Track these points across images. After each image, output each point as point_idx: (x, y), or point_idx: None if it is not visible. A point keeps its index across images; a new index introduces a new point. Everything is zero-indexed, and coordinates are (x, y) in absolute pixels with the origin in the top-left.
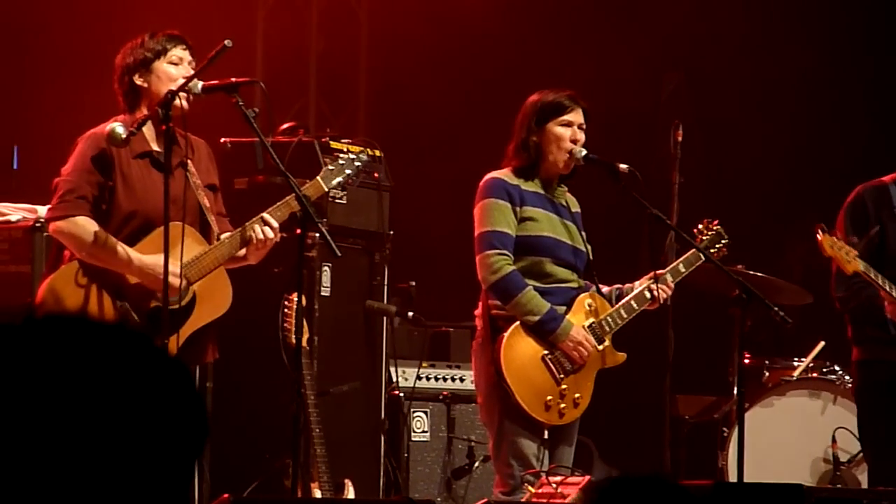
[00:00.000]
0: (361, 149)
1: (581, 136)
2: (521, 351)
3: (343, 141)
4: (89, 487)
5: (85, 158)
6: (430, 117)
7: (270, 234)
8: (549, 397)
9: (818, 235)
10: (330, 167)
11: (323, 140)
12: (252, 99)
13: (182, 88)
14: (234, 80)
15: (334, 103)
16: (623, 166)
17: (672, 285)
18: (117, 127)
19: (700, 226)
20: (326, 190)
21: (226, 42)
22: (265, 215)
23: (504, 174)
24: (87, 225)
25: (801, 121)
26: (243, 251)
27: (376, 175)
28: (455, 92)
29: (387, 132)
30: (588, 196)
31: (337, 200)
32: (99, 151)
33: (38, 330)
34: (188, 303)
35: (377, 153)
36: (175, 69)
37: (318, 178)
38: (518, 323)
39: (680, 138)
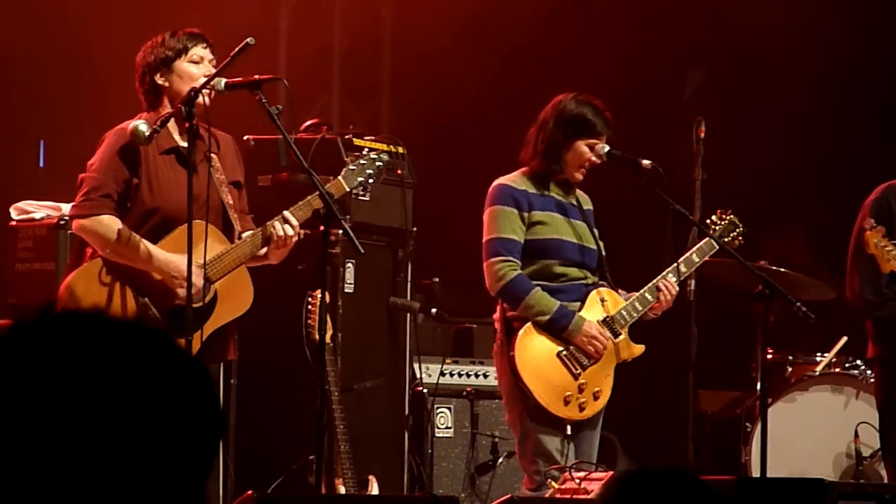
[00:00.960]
0: (384, 146)
1: (604, 148)
2: (535, 350)
3: (366, 138)
4: (104, 483)
5: (112, 154)
6: (453, 114)
7: (291, 232)
8: (568, 393)
9: (866, 230)
10: (351, 167)
11: (346, 137)
12: (275, 96)
13: (206, 86)
14: (257, 77)
15: (357, 100)
16: (646, 162)
17: (676, 284)
18: (140, 125)
19: (713, 216)
20: (348, 189)
21: (248, 40)
22: (286, 213)
23: (511, 180)
24: (111, 223)
25: (823, 119)
26: (264, 250)
27: (399, 172)
28: (478, 89)
29: (410, 129)
30: (612, 191)
31: (360, 197)
32: (126, 147)
33: (55, 326)
34: (209, 301)
35: (400, 150)
36: (196, 68)
37: (340, 177)
38: (530, 323)
39: (703, 135)
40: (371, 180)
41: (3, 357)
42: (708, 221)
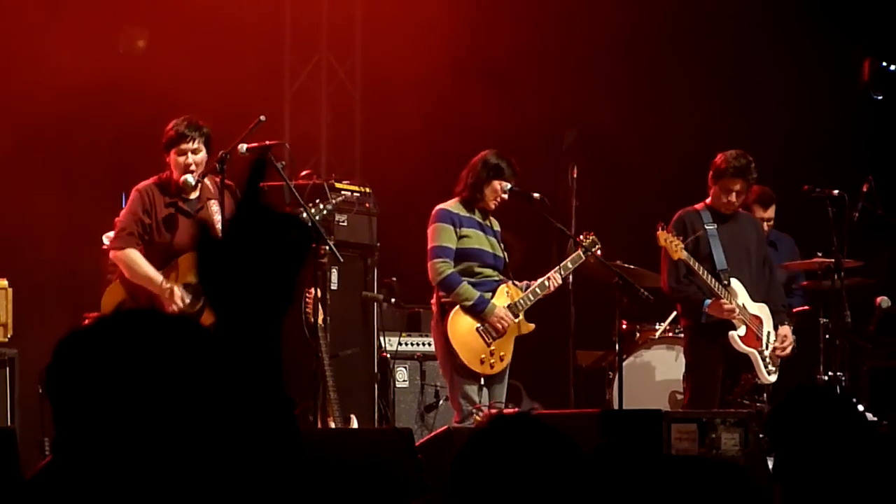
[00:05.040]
0: (357, 187)
1: (507, 186)
2: (461, 326)
3: (344, 182)
4: (179, 430)
5: (135, 204)
6: (404, 165)
7: None
8: (483, 356)
9: (657, 230)
10: (313, 211)
11: (329, 182)
12: (282, 154)
13: (231, 151)
14: (267, 142)
15: (338, 156)
16: (536, 195)
17: (559, 279)
18: (189, 178)
19: (581, 236)
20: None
21: (261, 118)
22: None
23: (450, 205)
24: (133, 255)
25: (669, 159)
26: None
27: (367, 205)
28: (423, 146)
29: (375, 176)
30: (515, 216)
31: (341, 223)
32: (144, 199)
33: (128, 318)
34: (200, 309)
35: (367, 190)
36: (182, 158)
37: None
38: (458, 307)
39: (575, 175)
40: (311, 223)
41: (95, 339)
42: (578, 239)
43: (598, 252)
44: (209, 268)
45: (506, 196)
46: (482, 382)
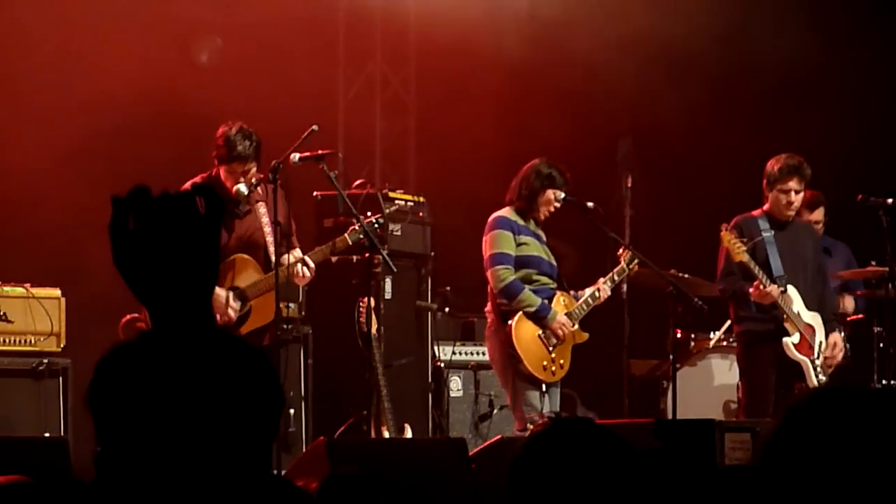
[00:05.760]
0: (410, 197)
1: (561, 195)
2: (524, 332)
3: (398, 191)
4: (207, 441)
5: None
6: (458, 174)
7: (307, 273)
8: (545, 362)
9: (721, 231)
10: (356, 227)
11: (383, 192)
12: (335, 164)
13: (282, 161)
14: (320, 151)
15: (392, 165)
16: (590, 204)
17: (609, 290)
18: (241, 187)
19: (619, 251)
20: (350, 243)
21: (313, 127)
22: (306, 258)
23: (507, 212)
24: None
25: (724, 168)
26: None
27: (421, 214)
28: (477, 155)
29: (429, 185)
30: (568, 226)
31: (394, 233)
32: None
33: (163, 337)
34: (245, 313)
35: (421, 199)
36: (235, 175)
37: (346, 234)
38: (521, 313)
39: (630, 184)
40: (365, 233)
41: (136, 355)
42: (618, 254)
43: (636, 268)
44: (122, 256)
45: (558, 205)
46: (544, 389)
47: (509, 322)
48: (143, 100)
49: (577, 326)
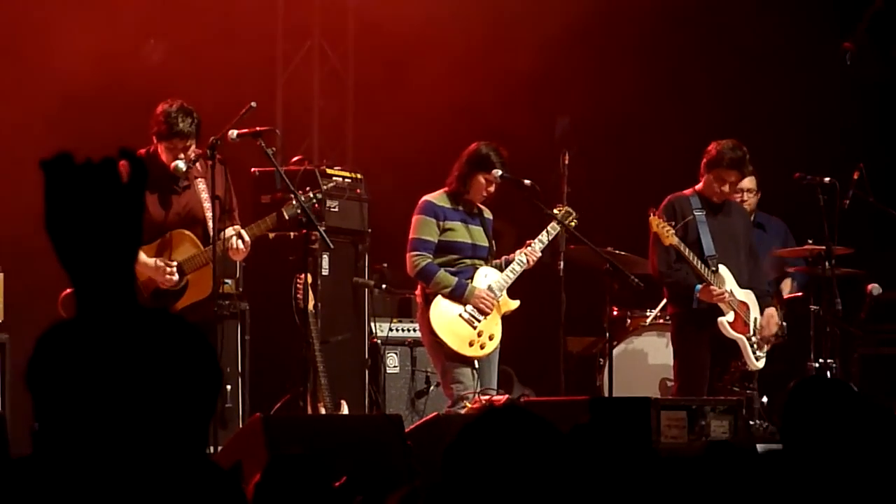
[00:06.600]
0: (348, 173)
1: (498, 173)
2: (445, 313)
3: (335, 168)
4: (143, 415)
5: None
6: (395, 152)
7: (241, 245)
8: (471, 339)
9: (650, 216)
10: (293, 203)
11: (321, 168)
12: (273, 140)
13: (220, 138)
14: (258, 128)
15: (329, 141)
16: (527, 182)
17: (538, 251)
18: (179, 163)
19: (555, 209)
20: (287, 217)
21: (251, 104)
22: (242, 231)
23: (435, 197)
24: None
25: (661, 146)
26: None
27: (358, 191)
28: (414, 133)
29: (367, 162)
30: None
31: (332, 209)
32: None
33: (102, 314)
34: (181, 288)
35: (359, 176)
36: (173, 152)
37: (283, 209)
38: (438, 296)
39: (567, 161)
40: (302, 209)
41: (76, 333)
42: (554, 210)
43: (574, 223)
44: (49, 221)
45: (492, 189)
46: (476, 366)
47: (429, 306)
48: (83, 79)
49: (503, 295)
